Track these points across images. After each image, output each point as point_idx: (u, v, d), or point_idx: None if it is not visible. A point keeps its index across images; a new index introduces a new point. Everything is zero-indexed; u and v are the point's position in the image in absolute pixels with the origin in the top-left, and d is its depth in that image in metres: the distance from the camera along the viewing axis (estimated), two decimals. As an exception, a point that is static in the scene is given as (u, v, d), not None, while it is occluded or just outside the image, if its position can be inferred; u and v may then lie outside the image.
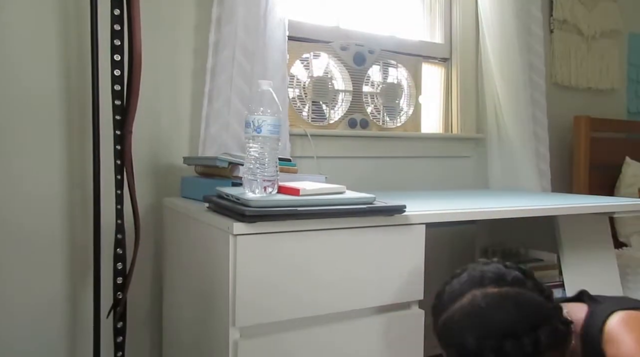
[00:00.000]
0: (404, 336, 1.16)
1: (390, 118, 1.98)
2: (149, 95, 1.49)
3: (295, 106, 1.79)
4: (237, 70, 1.51)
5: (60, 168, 1.39)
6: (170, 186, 1.53)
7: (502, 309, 0.96)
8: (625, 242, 2.31)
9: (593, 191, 2.26)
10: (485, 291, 0.98)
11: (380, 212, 1.09)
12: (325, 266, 1.05)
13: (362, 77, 1.91)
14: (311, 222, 1.03)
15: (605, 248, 1.64)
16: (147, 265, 1.51)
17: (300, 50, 1.79)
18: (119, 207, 1.32)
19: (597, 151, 2.31)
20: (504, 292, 0.98)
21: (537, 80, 2.14)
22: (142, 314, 1.51)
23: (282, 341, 1.02)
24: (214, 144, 1.51)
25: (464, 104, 2.14)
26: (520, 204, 1.39)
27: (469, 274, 1.03)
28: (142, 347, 1.51)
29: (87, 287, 1.42)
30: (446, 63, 2.17)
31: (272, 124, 1.01)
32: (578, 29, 2.44)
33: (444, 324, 1.00)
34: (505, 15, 2.02)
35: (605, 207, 1.46)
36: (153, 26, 1.49)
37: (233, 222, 0.96)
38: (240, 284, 0.97)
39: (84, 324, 1.42)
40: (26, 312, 1.35)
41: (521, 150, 2.04)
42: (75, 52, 1.40)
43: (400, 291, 1.15)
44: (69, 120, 1.39)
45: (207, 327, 1.10)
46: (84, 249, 1.42)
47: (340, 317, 1.09)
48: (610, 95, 2.62)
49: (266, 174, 1.02)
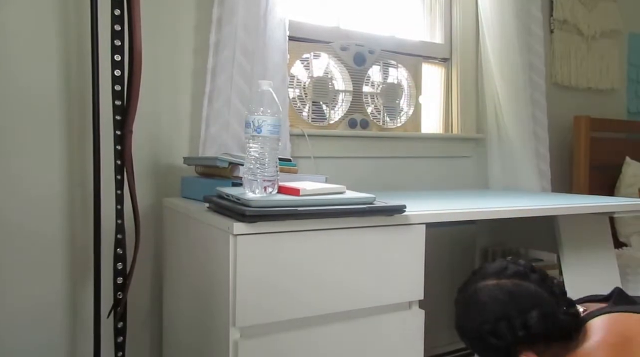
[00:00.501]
0: (404, 336, 1.16)
1: (390, 118, 1.98)
2: (149, 95, 1.49)
3: (295, 106, 1.79)
4: (237, 71, 1.51)
5: (60, 168, 1.39)
6: (170, 186, 1.54)
7: (496, 298, 1.09)
8: (625, 242, 2.31)
9: (593, 191, 2.26)
10: (486, 283, 1.12)
11: (380, 212, 1.09)
12: (326, 266, 1.05)
13: (362, 78, 1.91)
14: (311, 222, 1.03)
15: (605, 248, 1.64)
16: (147, 265, 1.51)
17: (301, 50, 1.79)
18: (119, 207, 1.32)
19: (597, 151, 2.31)
20: (501, 283, 1.10)
21: (537, 80, 2.14)
22: (142, 314, 1.51)
23: (282, 341, 1.02)
24: (214, 144, 1.51)
25: (464, 104, 2.14)
26: (520, 204, 1.39)
27: (476, 273, 1.17)
28: (142, 347, 1.51)
29: (87, 287, 1.42)
30: (446, 63, 2.17)
31: (272, 124, 1.01)
32: (578, 29, 2.44)
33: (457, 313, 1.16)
34: (505, 15, 2.02)
35: (605, 207, 1.46)
36: (153, 26, 1.49)
37: (233, 222, 0.96)
38: (240, 284, 0.97)
39: (84, 324, 1.42)
40: (26, 312, 1.35)
41: (521, 150, 2.04)
42: (76, 52, 1.40)
43: (400, 291, 1.15)
44: (69, 120, 1.40)
45: (207, 327, 1.10)
46: (84, 249, 1.42)
47: (340, 317, 1.09)
48: (610, 95, 2.63)
49: (266, 174, 1.02)
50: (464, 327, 1.12)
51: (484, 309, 1.09)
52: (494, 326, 1.07)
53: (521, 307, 1.06)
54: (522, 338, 1.05)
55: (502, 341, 1.06)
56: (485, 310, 1.09)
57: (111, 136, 1.32)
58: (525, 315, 1.05)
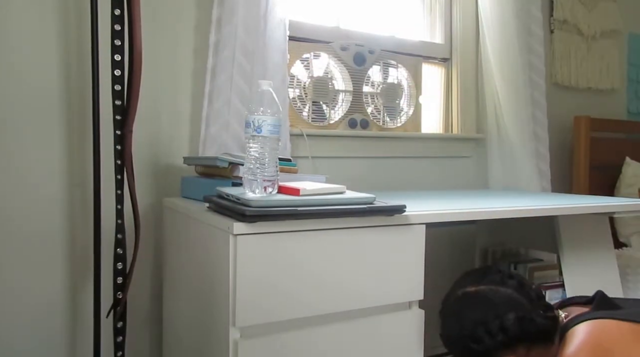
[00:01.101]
0: (404, 336, 1.16)
1: (390, 118, 1.98)
2: (149, 95, 1.49)
3: (295, 106, 1.79)
4: (237, 71, 1.51)
5: (60, 168, 1.39)
6: (170, 186, 1.54)
7: (474, 304, 1.13)
8: (625, 242, 2.31)
9: (593, 191, 2.26)
10: (464, 291, 1.16)
11: (380, 212, 1.09)
12: (326, 266, 1.05)
13: (362, 77, 1.91)
14: (311, 222, 1.03)
15: (605, 248, 1.64)
16: (147, 265, 1.51)
17: (301, 50, 1.79)
18: (119, 207, 1.32)
19: (597, 151, 2.31)
20: (479, 290, 1.14)
21: (537, 80, 2.14)
22: (142, 314, 1.51)
23: (282, 341, 1.02)
24: (214, 144, 1.51)
25: (464, 104, 2.14)
26: (520, 204, 1.39)
27: (458, 282, 1.21)
28: (142, 347, 1.51)
29: (87, 287, 1.42)
30: (446, 63, 2.17)
31: (272, 124, 1.01)
32: (578, 29, 2.44)
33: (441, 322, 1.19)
34: (505, 15, 2.02)
35: (605, 207, 1.46)
36: (153, 26, 1.49)
37: (233, 222, 0.96)
38: (240, 284, 0.97)
39: (84, 324, 1.42)
40: (26, 312, 1.35)
41: (521, 150, 2.04)
42: (76, 52, 1.40)
43: (400, 291, 1.15)
44: (69, 120, 1.40)
45: (207, 327, 1.10)
46: (84, 249, 1.42)
47: (340, 317, 1.09)
48: (610, 95, 2.62)
49: (266, 174, 1.02)
50: (446, 336, 1.17)
51: (462, 316, 1.13)
52: (472, 332, 1.10)
53: (498, 311, 1.10)
54: (501, 342, 1.08)
55: (482, 346, 1.09)
56: (463, 317, 1.13)
57: (111, 136, 1.32)
58: (502, 318, 1.08)
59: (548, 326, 1.11)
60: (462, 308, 1.15)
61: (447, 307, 1.18)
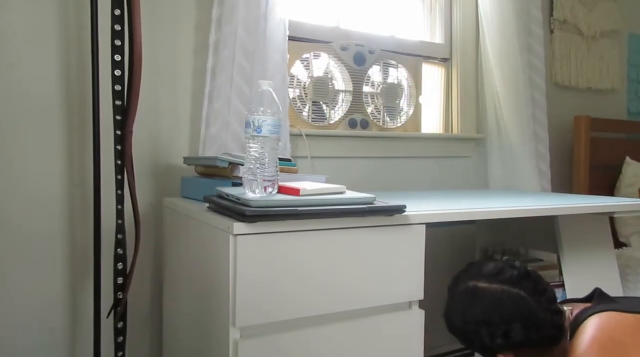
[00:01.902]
0: (404, 336, 1.16)
1: (390, 118, 1.98)
2: (149, 95, 1.49)
3: (295, 106, 1.79)
4: (237, 70, 1.51)
5: (60, 168, 1.39)
6: (170, 186, 1.54)
7: (483, 302, 1.11)
8: (625, 242, 2.31)
9: (593, 191, 2.26)
10: (476, 284, 1.14)
11: (380, 212, 1.09)
12: (325, 266, 1.05)
13: (362, 77, 1.91)
14: (311, 222, 1.03)
15: (605, 248, 1.64)
16: (147, 265, 1.51)
17: (301, 50, 1.79)
18: (119, 207, 1.32)
19: (597, 151, 2.31)
20: (491, 288, 1.12)
21: (537, 80, 2.14)
22: (142, 314, 1.51)
23: (282, 341, 1.02)
24: (214, 144, 1.51)
25: (464, 104, 2.14)
26: (520, 204, 1.39)
27: (473, 267, 1.19)
28: (142, 347, 1.51)
29: (87, 287, 1.42)
30: (446, 63, 2.17)
31: (272, 124, 1.01)
32: (578, 29, 2.44)
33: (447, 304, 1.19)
34: (505, 15, 2.02)
35: (605, 207, 1.46)
36: (153, 26, 1.49)
37: (233, 222, 0.96)
38: (240, 284, 0.97)
39: (84, 324, 1.42)
40: (26, 312, 1.35)
41: (521, 150, 2.04)
42: (76, 52, 1.40)
43: (400, 291, 1.15)
44: (69, 121, 1.40)
45: (207, 327, 1.10)
46: (84, 249, 1.42)
47: (340, 317, 1.09)
48: (610, 95, 2.63)
49: (266, 174, 1.02)
50: (450, 319, 1.17)
51: (468, 311, 1.12)
52: (475, 329, 1.11)
53: (504, 317, 1.09)
54: (501, 346, 1.09)
55: (481, 343, 1.11)
56: (469, 312, 1.12)
57: (111, 136, 1.32)
58: (508, 325, 1.08)
59: (553, 334, 1.10)
60: (469, 302, 1.13)
61: (457, 293, 1.17)
